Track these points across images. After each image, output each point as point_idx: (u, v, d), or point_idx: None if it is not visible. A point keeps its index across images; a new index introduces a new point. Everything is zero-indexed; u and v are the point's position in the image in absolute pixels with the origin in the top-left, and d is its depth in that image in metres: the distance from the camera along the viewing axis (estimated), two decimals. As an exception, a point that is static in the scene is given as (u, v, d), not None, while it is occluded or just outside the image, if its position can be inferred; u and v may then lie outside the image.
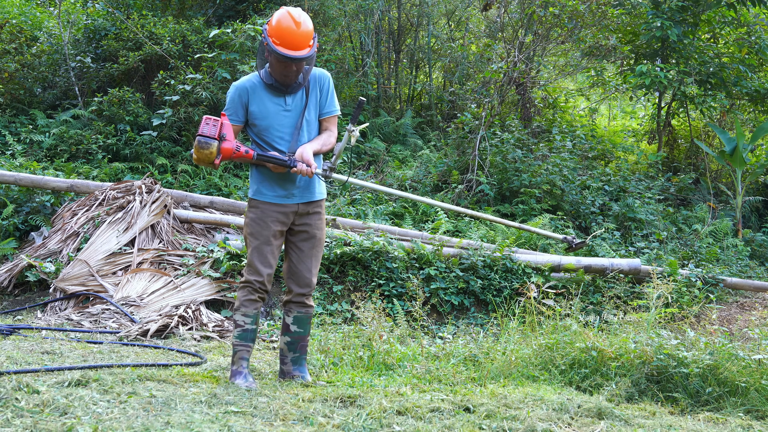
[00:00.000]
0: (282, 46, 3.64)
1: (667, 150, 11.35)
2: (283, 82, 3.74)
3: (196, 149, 3.64)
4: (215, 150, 3.63)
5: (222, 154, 3.65)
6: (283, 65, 3.68)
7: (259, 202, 3.81)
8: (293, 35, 3.64)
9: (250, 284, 3.78)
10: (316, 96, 3.86)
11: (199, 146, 3.63)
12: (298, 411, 3.17)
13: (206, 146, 3.62)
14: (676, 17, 9.71)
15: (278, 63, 3.68)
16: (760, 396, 3.85)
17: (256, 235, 3.79)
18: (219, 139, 3.64)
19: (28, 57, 9.67)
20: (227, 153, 3.66)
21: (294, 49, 3.65)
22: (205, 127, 3.64)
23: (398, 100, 12.16)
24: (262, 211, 3.79)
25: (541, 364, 4.37)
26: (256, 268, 3.77)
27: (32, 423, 2.65)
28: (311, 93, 3.84)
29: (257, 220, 3.79)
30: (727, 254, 8.43)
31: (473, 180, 8.88)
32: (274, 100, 3.79)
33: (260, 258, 3.77)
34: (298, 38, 3.65)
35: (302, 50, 3.66)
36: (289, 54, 3.63)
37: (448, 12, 12.61)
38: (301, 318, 3.91)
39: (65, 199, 7.44)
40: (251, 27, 8.89)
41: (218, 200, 7.40)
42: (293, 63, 3.66)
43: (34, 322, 5.53)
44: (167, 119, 8.79)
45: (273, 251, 3.80)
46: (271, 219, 3.78)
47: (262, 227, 3.78)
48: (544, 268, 6.74)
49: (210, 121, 3.66)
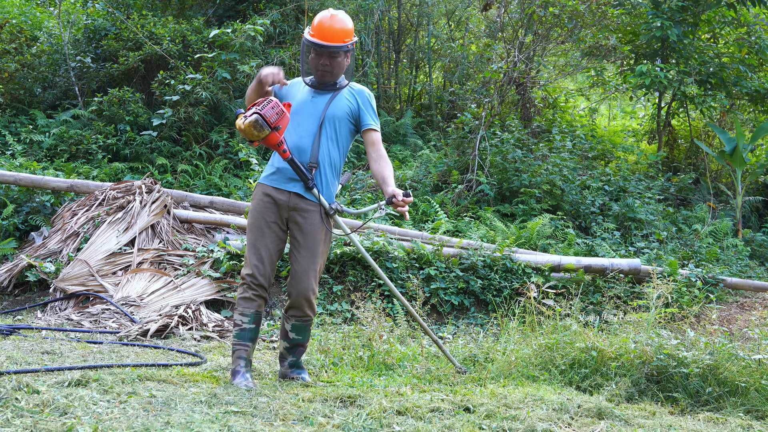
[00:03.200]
0: (316, 36, 3.75)
1: (667, 150, 11.35)
2: (320, 76, 3.81)
3: (249, 124, 3.55)
4: (264, 135, 3.59)
5: (266, 141, 3.62)
6: (317, 57, 3.77)
7: (259, 185, 3.85)
8: (325, 26, 3.75)
9: (243, 280, 3.77)
10: (344, 105, 3.85)
11: (253, 124, 3.55)
12: (298, 411, 3.17)
13: (260, 129, 3.56)
14: (676, 17, 9.72)
15: (313, 55, 3.79)
16: (760, 396, 3.85)
17: (251, 228, 3.79)
18: (274, 128, 3.60)
19: (28, 57, 9.67)
20: (272, 141, 3.63)
21: (325, 39, 3.73)
22: (269, 111, 3.58)
23: (398, 100, 12.16)
24: (257, 201, 3.80)
25: (541, 364, 4.37)
26: (248, 261, 3.76)
27: (32, 423, 2.65)
28: (338, 98, 3.85)
29: (253, 210, 3.80)
30: (727, 254, 8.43)
31: (473, 180, 8.88)
32: (306, 90, 3.87)
33: (253, 251, 3.75)
34: (331, 30, 3.75)
35: (333, 42, 3.74)
36: (318, 41, 3.72)
37: (448, 12, 12.61)
38: (299, 326, 3.87)
39: (65, 199, 7.44)
40: (251, 27, 8.89)
41: (218, 200, 7.40)
42: (325, 53, 3.74)
43: (34, 322, 5.53)
44: (167, 119, 8.79)
45: (266, 244, 3.74)
46: (265, 207, 3.76)
47: (256, 218, 3.77)
48: (544, 268, 6.74)
49: (276, 108, 3.60)
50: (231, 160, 9.03)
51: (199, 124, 9.13)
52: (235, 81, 9.10)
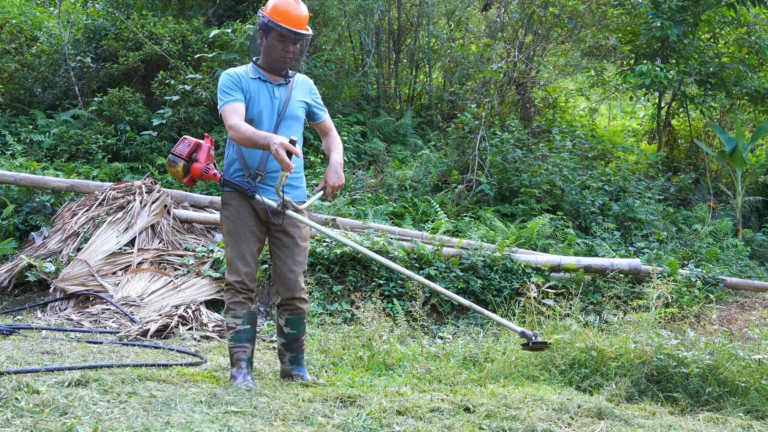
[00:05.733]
0: (286, 23, 3.67)
1: (667, 150, 11.35)
2: (281, 64, 3.73)
3: (167, 166, 3.82)
4: (181, 170, 3.77)
5: (191, 174, 3.79)
6: (284, 45, 3.70)
7: (228, 193, 3.77)
8: (296, 12, 3.70)
9: (232, 286, 3.75)
10: (299, 97, 3.84)
11: (168, 163, 3.81)
12: (298, 411, 3.17)
13: (173, 164, 3.79)
14: (676, 17, 9.72)
15: (279, 43, 3.70)
16: (760, 396, 3.85)
17: (233, 234, 3.74)
18: (188, 159, 3.76)
19: (28, 57, 9.67)
20: (195, 173, 3.79)
21: (297, 26, 3.69)
22: (180, 147, 3.80)
23: (398, 100, 12.16)
24: (234, 207, 3.74)
25: (541, 364, 4.37)
26: (235, 268, 3.73)
27: (32, 423, 2.65)
28: (294, 90, 3.83)
29: (232, 217, 3.75)
30: (727, 254, 8.43)
31: (473, 180, 8.88)
32: (263, 87, 3.77)
33: (239, 257, 3.72)
34: (300, 17, 3.71)
35: (302, 29, 3.72)
36: (294, 29, 3.67)
37: (448, 12, 12.60)
38: (293, 320, 3.88)
39: (65, 199, 7.44)
40: (251, 27, 8.89)
41: (218, 200, 7.39)
42: (296, 41, 3.71)
43: (34, 322, 5.53)
44: (167, 119, 8.79)
45: (250, 248, 3.73)
46: (243, 212, 3.73)
47: (237, 224, 3.73)
48: (544, 268, 6.74)
49: (185, 141, 3.81)
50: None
51: (199, 124, 9.13)
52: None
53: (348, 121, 10.00)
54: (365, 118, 10.70)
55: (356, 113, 10.64)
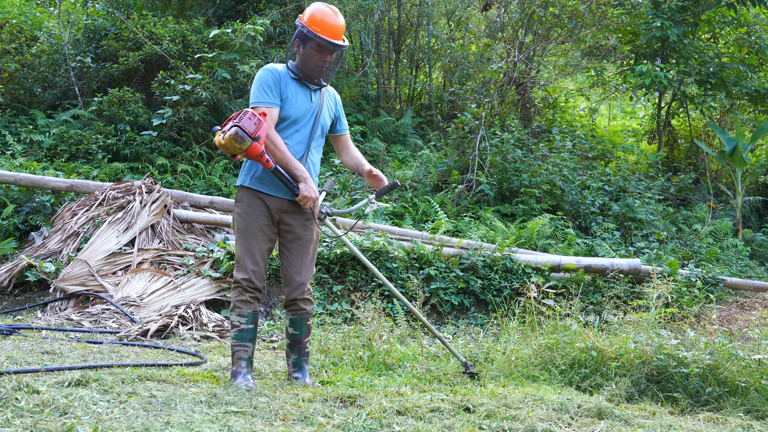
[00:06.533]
0: (325, 34, 3.70)
1: (667, 150, 11.36)
2: (317, 73, 3.78)
3: (229, 138, 3.49)
4: (246, 147, 3.52)
5: (248, 153, 3.55)
6: (322, 55, 3.74)
7: (245, 188, 3.77)
8: (334, 23, 3.74)
9: (239, 284, 3.75)
10: (329, 107, 3.90)
11: (234, 138, 3.49)
12: (298, 411, 3.17)
13: (241, 141, 3.49)
14: (676, 17, 9.72)
15: (317, 53, 3.73)
16: (760, 396, 3.85)
17: (244, 232, 3.75)
18: (254, 138, 3.53)
19: (28, 57, 9.67)
20: (253, 153, 3.56)
21: (335, 37, 3.73)
22: (247, 122, 3.52)
23: (398, 100, 12.16)
24: (247, 204, 3.75)
25: (541, 364, 4.37)
26: (243, 265, 3.74)
27: (32, 423, 2.65)
28: (326, 98, 3.89)
29: (243, 214, 3.75)
30: (727, 254, 8.43)
31: (473, 180, 8.88)
32: (302, 90, 3.80)
33: (248, 255, 3.73)
34: (338, 27, 3.75)
35: (341, 40, 3.76)
36: (333, 41, 3.70)
37: (448, 12, 12.61)
38: (296, 320, 3.90)
39: (65, 199, 7.44)
40: (251, 27, 8.90)
41: (218, 200, 7.40)
42: (333, 51, 3.75)
43: (34, 322, 5.53)
44: (167, 119, 8.79)
45: (260, 248, 3.74)
46: (256, 211, 3.74)
47: (248, 222, 3.74)
48: (544, 268, 6.74)
49: (253, 118, 3.55)
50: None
51: (199, 124, 9.13)
52: (235, 81, 9.10)
53: (348, 121, 10.00)
54: (365, 118, 10.71)
55: (356, 113, 10.65)
